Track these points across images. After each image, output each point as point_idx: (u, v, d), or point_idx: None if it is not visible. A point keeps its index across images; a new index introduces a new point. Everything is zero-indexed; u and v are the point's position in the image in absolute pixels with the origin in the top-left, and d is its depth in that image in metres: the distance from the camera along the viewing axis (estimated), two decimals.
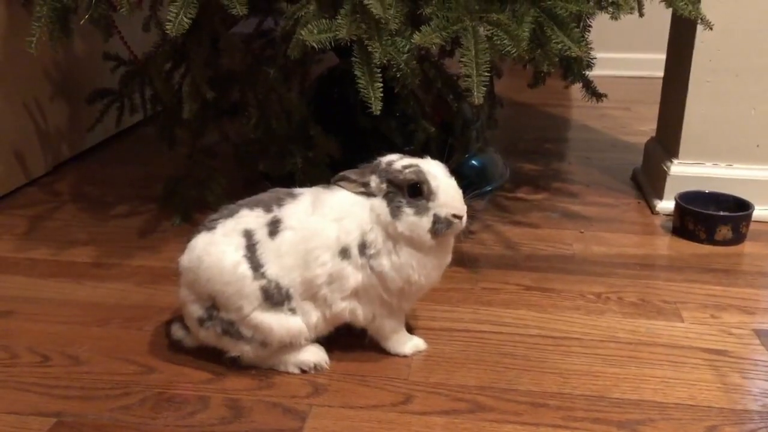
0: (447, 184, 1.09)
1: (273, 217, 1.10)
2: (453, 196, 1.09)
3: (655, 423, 1.03)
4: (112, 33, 1.59)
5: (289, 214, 1.10)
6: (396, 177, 1.08)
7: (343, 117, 1.80)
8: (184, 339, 1.19)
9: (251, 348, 1.11)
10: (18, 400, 1.08)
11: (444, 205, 1.07)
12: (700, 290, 1.40)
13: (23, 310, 1.33)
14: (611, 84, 1.78)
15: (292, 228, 1.09)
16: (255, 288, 1.07)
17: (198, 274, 1.10)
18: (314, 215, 1.10)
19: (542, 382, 1.11)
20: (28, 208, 1.81)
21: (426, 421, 1.03)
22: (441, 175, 1.09)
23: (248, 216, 1.11)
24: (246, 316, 1.08)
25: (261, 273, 1.07)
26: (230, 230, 1.10)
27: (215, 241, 1.10)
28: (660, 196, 1.78)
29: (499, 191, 1.92)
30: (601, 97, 1.80)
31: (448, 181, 1.10)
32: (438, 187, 1.07)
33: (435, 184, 1.07)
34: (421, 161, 1.11)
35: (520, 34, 1.25)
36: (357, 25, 1.23)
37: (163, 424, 1.03)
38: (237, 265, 1.07)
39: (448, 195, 1.08)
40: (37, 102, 1.98)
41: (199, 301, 1.11)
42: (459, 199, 1.10)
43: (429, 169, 1.09)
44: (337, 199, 1.11)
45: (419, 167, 1.08)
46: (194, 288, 1.11)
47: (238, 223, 1.10)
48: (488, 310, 1.33)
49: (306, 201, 1.12)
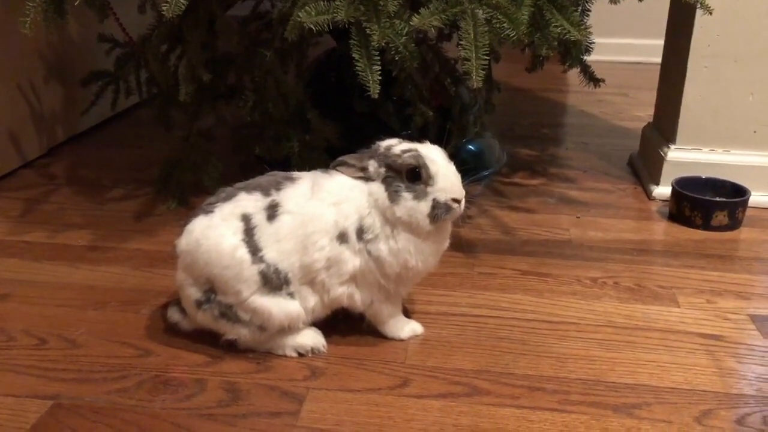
0: (446, 169, 1.09)
1: (271, 201, 1.10)
2: (452, 181, 1.08)
3: (651, 406, 1.03)
4: (107, 14, 1.57)
5: (288, 198, 1.10)
6: (394, 161, 1.07)
7: (339, 101, 1.79)
8: (180, 322, 1.19)
9: (248, 331, 1.11)
10: (15, 383, 1.08)
11: (443, 189, 1.07)
12: (696, 276, 1.41)
13: (19, 293, 1.33)
14: (608, 69, 1.78)
15: (290, 212, 1.09)
16: (254, 272, 1.07)
17: (196, 258, 1.09)
18: (312, 200, 1.09)
19: (539, 366, 1.12)
20: (23, 191, 1.80)
21: (423, 404, 1.03)
22: (440, 160, 1.09)
23: (246, 200, 1.10)
24: (244, 300, 1.08)
25: (259, 257, 1.07)
26: (228, 214, 1.10)
27: (213, 224, 1.09)
28: (657, 182, 1.78)
29: (496, 176, 1.92)
30: (598, 82, 1.80)
31: (447, 165, 1.09)
32: (437, 172, 1.07)
33: (434, 168, 1.07)
34: (419, 146, 1.10)
35: (519, 17, 1.25)
36: (355, 7, 1.22)
37: (161, 407, 1.03)
38: (235, 249, 1.07)
39: (447, 180, 1.08)
40: (31, 84, 1.96)
41: (197, 285, 1.11)
42: (458, 184, 1.09)
43: (428, 153, 1.08)
44: (336, 184, 1.11)
45: (418, 152, 1.08)
46: (192, 271, 1.11)
47: (236, 206, 1.10)
48: (485, 294, 1.33)
49: (305, 185, 1.12)
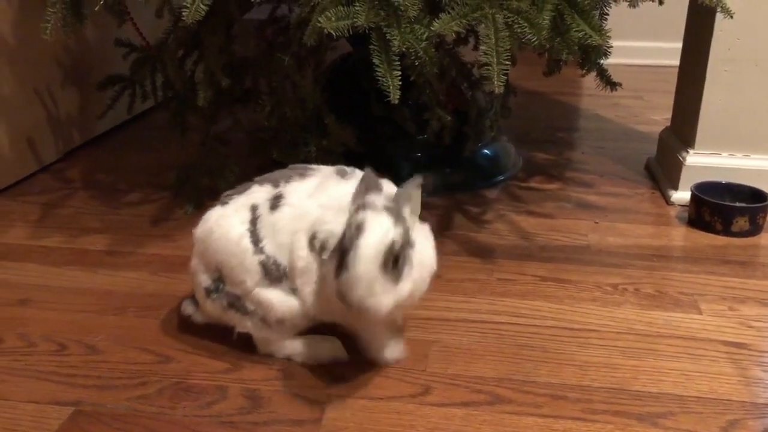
0: (362, 270, 0.90)
1: (277, 192, 1.10)
2: (355, 289, 0.90)
3: (676, 416, 1.02)
4: (125, 19, 1.57)
5: (292, 191, 1.09)
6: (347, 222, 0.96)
7: (355, 105, 1.79)
8: (193, 314, 1.20)
9: (253, 324, 1.11)
10: (36, 389, 1.08)
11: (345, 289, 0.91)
12: (718, 282, 1.39)
13: (39, 299, 1.33)
14: (623, 72, 1.77)
15: (290, 205, 1.07)
16: (255, 262, 1.07)
17: (207, 245, 1.11)
18: (311, 198, 1.08)
19: (561, 374, 1.11)
20: (41, 195, 1.81)
21: (445, 412, 1.03)
22: (365, 257, 0.90)
23: (258, 191, 1.11)
24: (249, 291, 1.08)
25: (260, 248, 1.07)
26: (240, 205, 1.11)
27: (226, 214, 1.11)
28: (675, 187, 1.77)
29: (512, 180, 1.91)
30: (615, 86, 1.78)
31: (367, 267, 0.90)
32: (351, 265, 0.90)
33: (350, 262, 0.90)
34: (370, 219, 0.92)
35: (540, 21, 1.24)
36: (375, 12, 1.22)
37: (182, 414, 1.03)
38: (241, 238, 1.08)
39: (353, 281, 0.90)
40: (48, 88, 1.97)
41: (208, 272, 1.12)
42: (366, 287, 0.89)
43: (362, 244, 0.90)
44: (341, 188, 1.06)
45: (353, 240, 0.91)
46: (204, 258, 1.13)
47: (248, 198, 1.11)
48: (504, 301, 1.32)
49: (313, 182, 1.10)
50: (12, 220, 1.67)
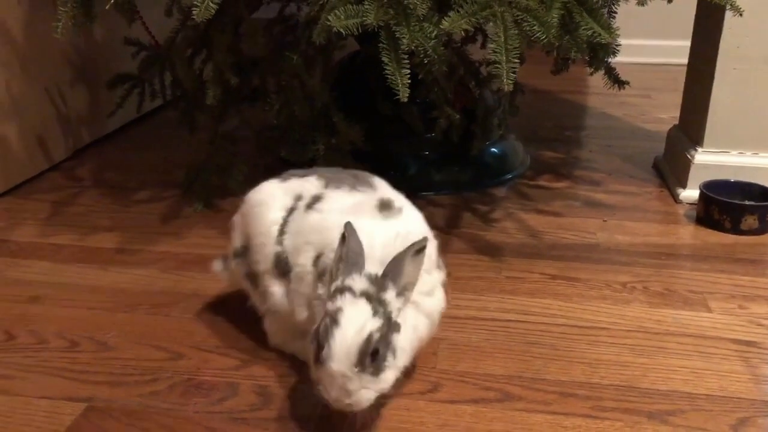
0: (334, 365, 0.85)
1: (321, 193, 1.08)
2: (329, 381, 0.87)
3: (686, 414, 1.02)
4: (135, 18, 1.58)
5: (331, 198, 1.06)
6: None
7: (363, 103, 1.79)
8: (220, 273, 1.23)
9: (259, 305, 1.13)
10: (49, 385, 1.09)
11: (321, 383, 0.88)
12: (727, 280, 1.39)
13: (50, 296, 1.34)
14: (630, 71, 1.76)
15: (320, 212, 1.05)
16: (272, 251, 1.07)
17: (250, 212, 1.12)
18: (341, 214, 1.00)
19: (570, 372, 1.11)
20: (51, 193, 1.82)
21: (455, 409, 1.03)
22: (339, 352, 0.85)
23: (312, 182, 1.11)
24: (260, 273, 1.09)
25: (281, 240, 1.07)
26: (291, 189, 1.11)
27: (276, 194, 1.11)
28: (683, 185, 1.76)
29: (520, 179, 1.91)
30: (623, 84, 1.78)
31: (339, 360, 0.85)
32: (324, 361, 0.86)
33: (324, 355, 0.86)
34: (348, 304, 0.88)
35: (549, 20, 1.24)
36: (384, 11, 1.22)
37: (193, 410, 1.03)
38: (272, 224, 1.08)
39: (326, 376, 0.87)
40: (58, 87, 1.98)
41: (242, 235, 1.14)
42: (340, 387, 0.86)
43: (339, 334, 0.85)
44: (368, 228, 0.96)
45: (327, 326, 0.87)
46: (243, 221, 1.14)
47: (301, 185, 1.11)
48: (513, 299, 1.32)
49: (355, 200, 1.05)
50: (23, 218, 1.68)
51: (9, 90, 1.80)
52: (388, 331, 0.88)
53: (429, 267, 1.00)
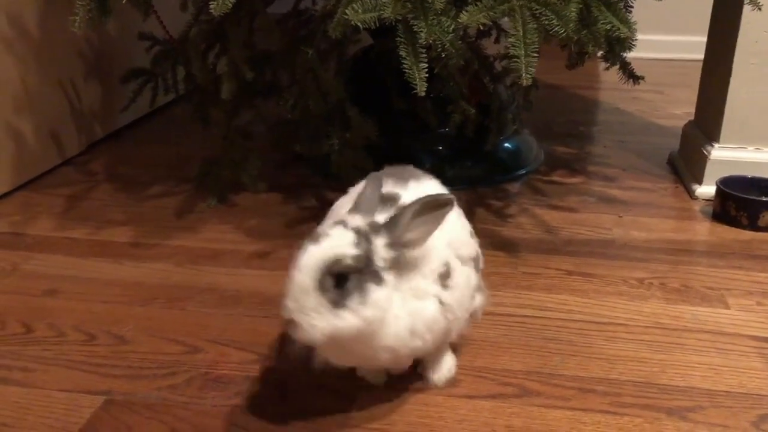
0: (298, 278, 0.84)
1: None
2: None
3: (705, 410, 1.02)
4: (150, 12, 1.58)
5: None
6: None
7: (377, 98, 1.79)
8: None
9: None
10: (67, 378, 1.09)
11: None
12: (745, 277, 1.38)
13: (66, 289, 1.34)
14: (643, 66, 1.75)
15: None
16: None
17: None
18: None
19: (589, 368, 1.11)
20: (65, 188, 1.82)
21: (473, 404, 1.03)
22: (304, 261, 0.84)
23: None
24: None
25: None
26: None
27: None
28: (699, 181, 1.75)
29: (534, 174, 1.90)
30: (638, 79, 1.77)
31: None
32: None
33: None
34: (334, 229, 0.86)
35: (567, 14, 1.23)
36: (402, 5, 1.21)
37: (211, 404, 1.03)
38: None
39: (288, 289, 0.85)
40: (72, 82, 1.98)
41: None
42: (295, 299, 0.83)
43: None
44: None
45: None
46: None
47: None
48: (530, 294, 1.32)
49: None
50: (37, 212, 1.68)
51: (24, 84, 1.80)
52: (365, 272, 0.83)
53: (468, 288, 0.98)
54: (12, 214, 1.67)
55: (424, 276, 0.90)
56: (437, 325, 0.92)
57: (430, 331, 0.92)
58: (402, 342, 0.90)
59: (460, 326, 1.01)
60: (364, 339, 0.86)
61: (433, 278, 0.91)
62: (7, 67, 1.75)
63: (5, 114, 1.75)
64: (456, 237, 0.98)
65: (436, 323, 0.92)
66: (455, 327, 0.99)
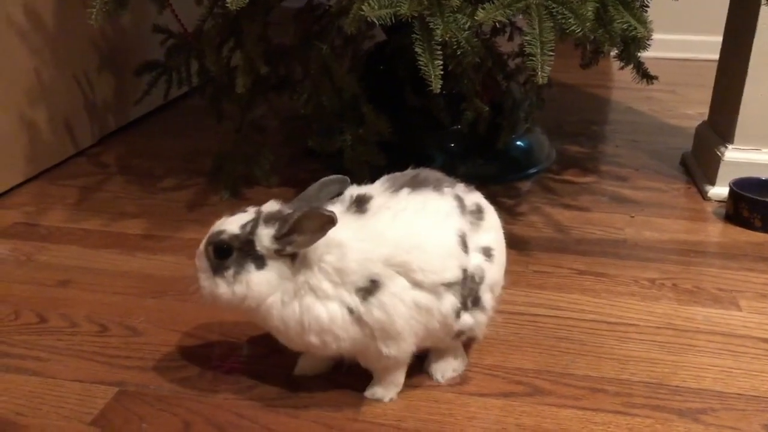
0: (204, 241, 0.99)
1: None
2: None
3: (717, 412, 1.01)
4: (165, 5, 1.58)
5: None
6: None
7: (390, 94, 1.79)
8: None
9: None
10: (81, 368, 1.10)
11: None
12: (757, 279, 1.37)
13: (80, 280, 1.35)
14: (655, 65, 1.75)
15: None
16: None
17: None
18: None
19: (600, 367, 1.11)
20: (78, 179, 1.83)
21: (484, 402, 1.03)
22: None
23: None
24: None
25: None
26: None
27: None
28: (712, 182, 1.74)
29: (546, 173, 1.90)
30: (652, 79, 1.76)
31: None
32: None
33: None
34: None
35: (584, 12, 1.22)
36: (419, 1, 1.21)
37: (223, 397, 1.04)
38: None
39: None
40: (86, 74, 1.99)
41: None
42: (197, 257, 0.99)
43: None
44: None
45: None
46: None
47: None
48: (541, 293, 1.32)
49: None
50: (51, 203, 1.70)
51: (38, 76, 1.81)
52: (248, 253, 0.92)
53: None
54: (26, 204, 1.69)
55: (333, 282, 0.92)
56: (338, 330, 0.93)
57: (327, 333, 0.93)
58: (291, 329, 0.94)
59: (406, 348, 0.96)
60: (257, 316, 0.96)
61: (351, 288, 0.92)
62: (22, 59, 1.76)
63: (20, 105, 1.76)
64: (415, 260, 0.93)
65: (335, 326, 0.92)
66: (400, 347, 0.95)
